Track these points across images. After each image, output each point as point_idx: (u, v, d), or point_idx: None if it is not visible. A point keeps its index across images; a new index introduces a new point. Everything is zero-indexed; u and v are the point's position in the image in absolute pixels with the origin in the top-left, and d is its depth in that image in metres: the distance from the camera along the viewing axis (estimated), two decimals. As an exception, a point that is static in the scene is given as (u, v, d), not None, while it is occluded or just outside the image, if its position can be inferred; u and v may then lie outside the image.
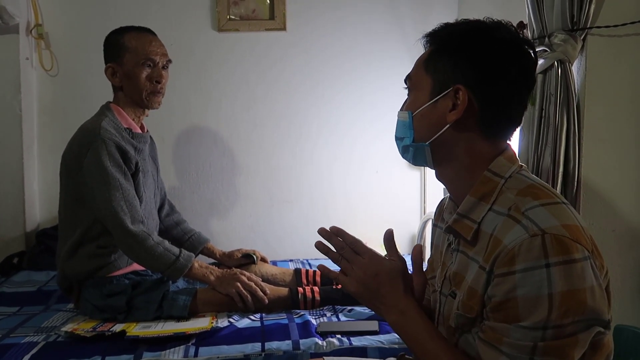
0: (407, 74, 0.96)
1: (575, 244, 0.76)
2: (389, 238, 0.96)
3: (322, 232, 0.95)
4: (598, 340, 0.79)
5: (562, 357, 0.76)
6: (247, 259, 1.97)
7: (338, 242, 0.94)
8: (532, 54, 0.89)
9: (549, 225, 0.77)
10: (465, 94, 0.86)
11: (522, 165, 0.91)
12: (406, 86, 0.96)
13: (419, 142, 0.91)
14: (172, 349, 1.43)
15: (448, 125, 0.88)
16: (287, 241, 2.54)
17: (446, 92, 0.87)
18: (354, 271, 0.92)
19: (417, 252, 0.97)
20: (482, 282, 0.82)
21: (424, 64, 0.91)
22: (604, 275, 0.81)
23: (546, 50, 1.55)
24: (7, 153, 2.31)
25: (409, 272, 0.95)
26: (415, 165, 0.98)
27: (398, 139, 0.96)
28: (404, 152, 0.96)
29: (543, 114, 1.56)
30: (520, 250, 0.76)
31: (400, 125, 0.95)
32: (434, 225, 1.10)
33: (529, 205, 0.80)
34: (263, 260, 2.02)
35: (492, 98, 0.87)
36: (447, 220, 0.94)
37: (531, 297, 0.75)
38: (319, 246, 0.97)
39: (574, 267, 0.75)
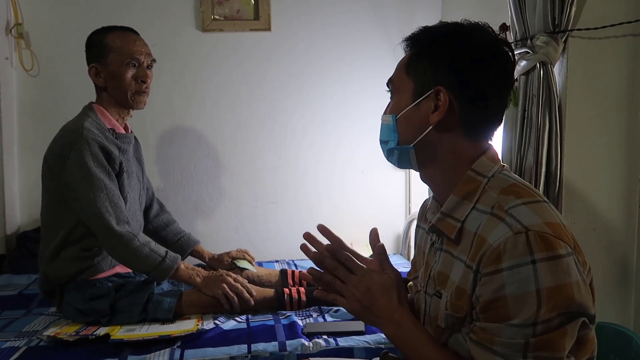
0: (390, 75, 0.97)
1: (558, 240, 0.77)
2: (380, 252, 0.98)
3: (308, 237, 0.97)
4: (583, 335, 0.81)
5: (554, 349, 0.77)
6: (239, 269, 1.94)
7: (331, 263, 0.95)
8: (511, 55, 0.91)
9: (532, 222, 0.78)
10: (446, 95, 0.88)
11: (504, 165, 0.93)
12: (388, 89, 0.98)
13: (404, 145, 0.92)
14: (157, 352, 1.42)
15: (431, 127, 0.89)
16: (273, 242, 2.54)
17: (427, 94, 0.89)
18: (348, 290, 0.93)
19: (376, 244, 0.99)
20: (469, 281, 0.83)
21: (404, 68, 0.93)
22: (587, 272, 0.83)
23: (528, 52, 1.57)
24: (-14, 154, 2.27)
25: (403, 283, 0.98)
26: (400, 167, 1.00)
27: (382, 142, 0.97)
28: (389, 155, 0.97)
29: (526, 115, 1.58)
30: (506, 248, 0.77)
31: (384, 128, 0.96)
32: (417, 226, 1.11)
33: (512, 204, 0.82)
34: (250, 262, 2.01)
35: (472, 98, 0.89)
36: (430, 220, 0.95)
37: (519, 294, 0.76)
38: (313, 272, 0.98)
39: (560, 262, 0.76)
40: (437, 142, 0.90)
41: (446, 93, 0.88)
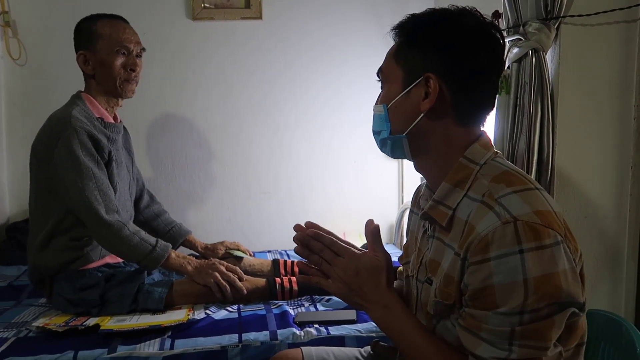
0: (379, 68, 0.96)
1: (546, 229, 0.77)
2: (373, 232, 0.97)
3: (298, 237, 0.96)
4: (573, 322, 0.81)
5: (540, 339, 0.77)
6: (234, 258, 1.94)
7: (317, 244, 0.94)
8: (500, 39, 0.90)
9: (521, 212, 0.78)
10: (436, 82, 0.87)
11: (497, 152, 0.92)
12: (379, 79, 0.97)
13: (396, 134, 0.92)
14: (147, 342, 1.41)
15: (422, 115, 0.89)
16: (265, 232, 2.53)
17: (417, 81, 0.88)
18: (335, 272, 0.93)
19: (370, 227, 0.97)
20: (457, 268, 0.83)
21: (394, 56, 0.92)
22: (579, 258, 0.82)
23: (521, 39, 1.56)
24: (-26, 145, 2.24)
25: (393, 266, 0.97)
26: (394, 157, 0.99)
27: (375, 132, 0.97)
28: (382, 145, 0.96)
29: (518, 102, 1.58)
30: (494, 238, 0.77)
31: (376, 119, 0.95)
32: (410, 211, 1.11)
33: (502, 193, 0.81)
34: (245, 253, 2.00)
35: (463, 84, 0.88)
36: (422, 207, 0.94)
37: (507, 283, 0.76)
38: (299, 251, 0.96)
39: (546, 252, 0.76)
40: (430, 129, 0.90)
41: (436, 79, 0.87)
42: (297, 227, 0.97)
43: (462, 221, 0.85)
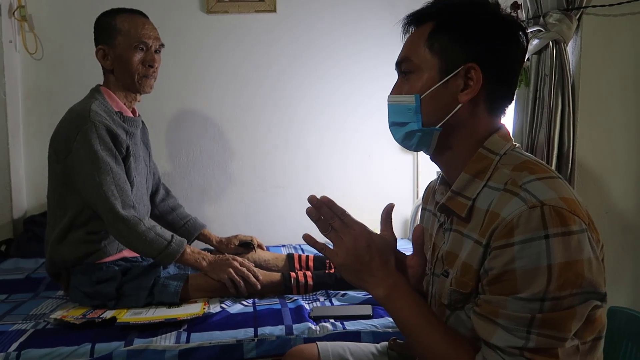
0: (397, 55, 0.92)
1: (573, 216, 0.75)
2: (387, 211, 0.94)
3: (312, 199, 0.90)
4: (592, 314, 0.79)
5: (560, 329, 0.75)
6: (245, 248, 1.95)
7: (328, 212, 0.89)
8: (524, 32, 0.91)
9: (548, 197, 0.76)
10: (479, 73, 0.85)
11: (515, 144, 0.91)
12: (401, 70, 0.91)
13: (428, 127, 0.88)
14: (163, 335, 1.41)
15: (460, 106, 0.86)
16: (279, 226, 2.52)
17: (457, 71, 0.85)
18: (343, 242, 0.88)
19: (419, 233, 0.95)
20: (477, 256, 0.81)
21: (426, 43, 0.87)
22: (600, 250, 0.81)
23: (541, 30, 1.53)
24: (-8, 139, 2.26)
25: (400, 251, 0.94)
26: (414, 151, 0.96)
27: (397, 124, 0.92)
28: (408, 138, 0.91)
29: (537, 95, 1.55)
30: (519, 222, 0.75)
31: (401, 110, 0.90)
32: (423, 209, 1.09)
33: (526, 179, 0.80)
34: (260, 247, 2.00)
35: (500, 75, 0.87)
36: (439, 200, 0.93)
37: (530, 268, 0.74)
38: (311, 212, 0.90)
39: (572, 238, 0.74)
40: (462, 121, 0.88)
41: (479, 70, 0.84)
42: (311, 198, 0.91)
43: (482, 211, 0.83)
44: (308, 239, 0.91)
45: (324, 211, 0.89)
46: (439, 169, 1.06)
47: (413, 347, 0.87)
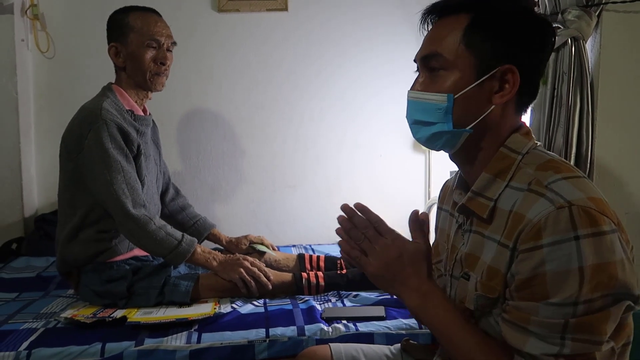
0: (423, 52, 0.86)
1: (602, 216, 0.73)
2: (414, 219, 0.89)
3: (345, 208, 0.87)
4: (624, 317, 0.76)
5: (595, 332, 0.72)
6: (257, 253, 1.92)
7: (362, 220, 0.86)
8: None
9: (575, 197, 0.73)
10: (517, 75, 0.82)
11: (537, 143, 0.88)
12: (429, 65, 0.85)
13: (459, 128, 0.84)
14: (174, 335, 1.40)
15: (492, 108, 0.83)
16: (290, 226, 2.51)
17: (493, 71, 0.82)
18: (376, 252, 0.84)
19: (415, 216, 0.89)
20: (504, 260, 0.78)
21: (462, 39, 0.82)
22: (630, 251, 0.78)
23: (559, 27, 1.50)
24: (3, 137, 2.26)
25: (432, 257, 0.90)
26: (436, 150, 0.91)
27: (422, 123, 0.87)
28: (434, 139, 0.87)
29: (555, 94, 1.52)
30: (547, 223, 0.73)
31: (428, 108, 0.85)
32: (439, 209, 1.07)
33: (552, 179, 0.77)
34: (272, 248, 1.98)
35: (533, 76, 0.85)
36: (457, 201, 0.90)
37: (560, 271, 0.72)
38: (342, 221, 0.87)
39: (604, 239, 0.72)
40: (492, 122, 0.84)
41: (517, 73, 0.81)
42: (344, 207, 0.88)
43: (505, 212, 0.80)
44: (345, 246, 0.88)
45: (357, 220, 0.86)
46: (451, 169, 1.03)
47: (449, 354, 0.85)
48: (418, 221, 0.88)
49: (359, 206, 0.87)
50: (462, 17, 0.83)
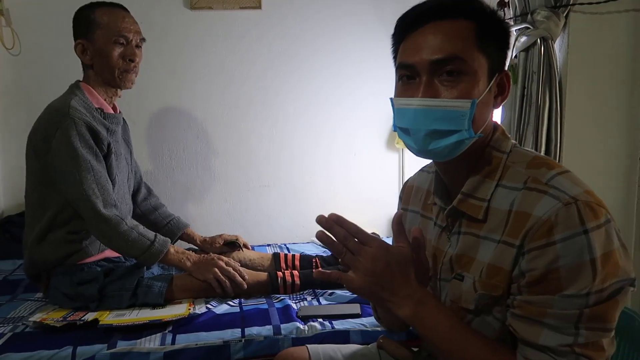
0: (434, 55, 0.80)
1: (600, 208, 0.76)
2: (398, 222, 0.88)
3: (320, 220, 0.81)
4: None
5: (606, 320, 0.75)
6: (231, 247, 1.92)
7: (341, 231, 0.81)
8: None
9: (576, 192, 0.76)
10: (510, 78, 0.86)
11: (513, 141, 0.91)
12: (446, 69, 0.80)
13: (476, 134, 0.82)
14: (148, 337, 1.38)
15: (493, 111, 0.87)
16: (265, 226, 2.49)
17: (498, 76, 0.85)
18: (360, 264, 0.80)
19: (398, 219, 0.88)
20: (509, 258, 0.80)
21: (476, 42, 0.81)
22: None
23: (528, 28, 1.53)
24: (-34, 136, 2.19)
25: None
26: (441, 161, 0.87)
27: (440, 133, 0.81)
28: (454, 148, 0.82)
29: (525, 93, 1.55)
30: (558, 220, 0.75)
31: (450, 116, 0.80)
32: (403, 209, 1.07)
33: (548, 176, 0.80)
34: (245, 246, 1.97)
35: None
36: (442, 205, 0.91)
37: (574, 265, 0.74)
38: (321, 236, 0.81)
39: (605, 229, 0.75)
40: (488, 125, 0.87)
41: (509, 75, 0.86)
42: (320, 219, 0.82)
43: (502, 211, 0.82)
44: (319, 274, 0.84)
45: (335, 231, 0.81)
46: (421, 168, 1.04)
47: (450, 358, 0.83)
48: (401, 224, 0.88)
49: (334, 217, 0.81)
50: (464, 23, 0.82)
